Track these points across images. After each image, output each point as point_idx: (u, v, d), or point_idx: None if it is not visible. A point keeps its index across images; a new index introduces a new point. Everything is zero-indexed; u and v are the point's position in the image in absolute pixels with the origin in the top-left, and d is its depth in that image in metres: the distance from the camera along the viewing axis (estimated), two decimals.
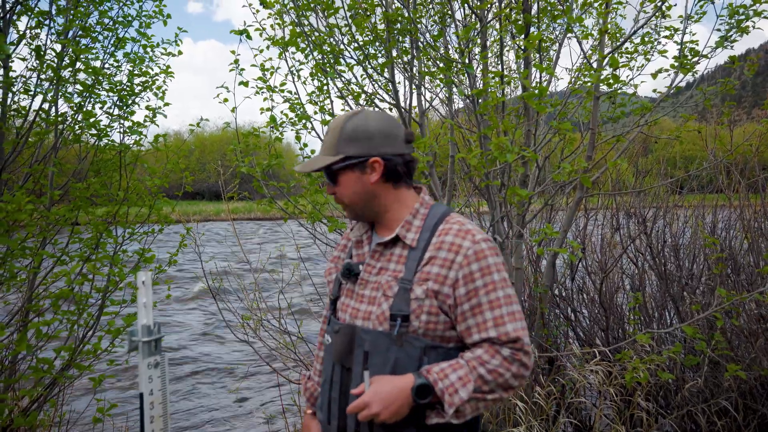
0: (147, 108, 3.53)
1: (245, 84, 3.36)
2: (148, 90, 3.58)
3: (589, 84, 3.10)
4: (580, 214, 4.44)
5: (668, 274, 3.95)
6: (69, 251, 2.93)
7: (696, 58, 3.03)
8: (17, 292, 3.04)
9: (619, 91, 3.69)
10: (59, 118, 2.98)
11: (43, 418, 2.84)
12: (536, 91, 2.55)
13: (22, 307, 2.90)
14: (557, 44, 3.87)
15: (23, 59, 3.03)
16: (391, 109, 3.67)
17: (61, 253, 2.88)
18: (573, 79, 3.64)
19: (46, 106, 2.81)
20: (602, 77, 2.84)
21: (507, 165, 3.41)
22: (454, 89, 3.78)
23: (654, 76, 3.17)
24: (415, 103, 3.60)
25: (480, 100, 3.39)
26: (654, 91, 3.48)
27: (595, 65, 3.31)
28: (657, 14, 3.58)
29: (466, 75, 3.55)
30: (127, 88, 3.40)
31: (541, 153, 3.68)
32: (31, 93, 2.84)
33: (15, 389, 2.77)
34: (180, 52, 3.79)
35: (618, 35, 3.79)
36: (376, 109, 3.68)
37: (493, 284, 1.35)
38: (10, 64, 2.90)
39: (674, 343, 3.67)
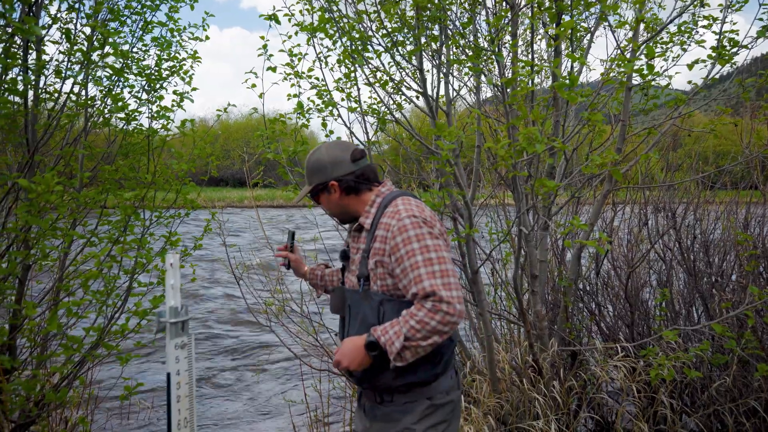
0: (174, 93, 3.56)
1: (273, 69, 3.35)
2: (175, 75, 3.60)
3: (622, 73, 3.02)
4: (607, 208, 4.36)
5: (697, 270, 3.86)
6: (98, 233, 2.98)
7: (735, 49, 2.93)
8: (49, 272, 3.10)
9: (652, 83, 3.59)
10: (89, 102, 3.02)
11: (73, 395, 2.91)
12: (567, 81, 2.49)
13: (53, 286, 2.96)
14: (590, 34, 3.78)
15: (55, 42, 3.07)
16: (418, 97, 3.64)
17: (90, 235, 2.93)
18: (605, 70, 3.55)
19: (76, 89, 2.84)
20: (636, 67, 2.76)
21: (534, 156, 3.35)
22: (483, 78, 3.73)
23: (690, 66, 3.08)
24: (442, 92, 3.56)
25: (509, 90, 3.33)
26: (689, 82, 3.38)
27: (628, 55, 3.22)
28: (695, 3, 3.47)
29: (495, 64, 3.49)
30: (155, 73, 3.43)
31: (570, 145, 3.61)
32: (62, 76, 2.88)
33: (46, 366, 2.84)
34: (207, 37, 3.80)
35: (654, 25, 3.68)
36: (404, 96, 3.65)
37: (412, 251, 1.72)
38: (43, 47, 2.94)
39: (701, 341, 3.60)
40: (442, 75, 3.51)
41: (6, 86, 2.41)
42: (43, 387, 2.51)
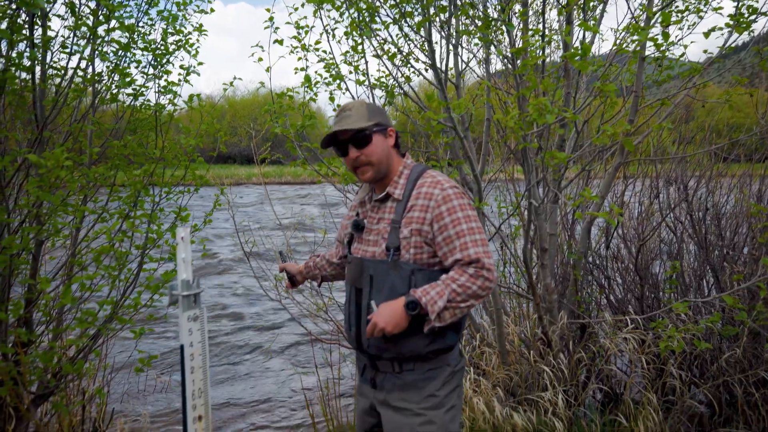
0: (181, 67, 3.53)
1: (280, 42, 3.32)
2: (181, 49, 3.57)
3: (636, 42, 2.96)
4: (618, 181, 4.31)
5: (708, 243, 3.83)
6: (109, 209, 3.00)
7: (753, 16, 2.85)
8: (62, 248, 3.13)
9: (666, 54, 3.52)
10: (96, 77, 3.00)
11: (89, 367, 2.97)
12: (579, 50, 2.44)
13: (66, 261, 3.00)
14: (602, 3, 3.70)
15: (60, 17, 3.04)
16: (426, 70, 3.59)
17: (101, 211, 2.95)
18: (618, 40, 3.48)
19: (83, 64, 2.83)
20: (650, 36, 2.70)
21: (545, 128, 3.31)
22: (492, 49, 3.67)
23: (706, 35, 3.01)
24: (451, 64, 3.51)
25: (519, 61, 3.28)
26: (705, 51, 3.30)
27: (642, 24, 3.15)
28: None
29: (505, 35, 3.43)
30: (162, 48, 3.39)
31: (581, 116, 3.56)
32: (68, 51, 2.86)
33: (62, 339, 2.89)
34: (212, 10, 3.75)
35: None
36: (412, 69, 3.61)
37: (458, 220, 1.78)
38: (48, 23, 2.92)
39: (711, 313, 3.59)
40: (451, 47, 3.45)
41: (13, 62, 2.41)
42: (60, 359, 2.56)
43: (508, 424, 2.97)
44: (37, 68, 2.63)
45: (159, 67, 3.32)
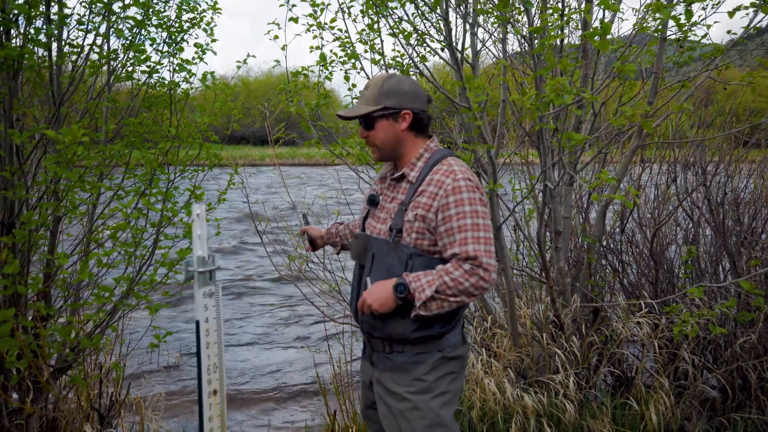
0: (195, 45, 3.52)
1: (295, 20, 3.29)
2: (196, 27, 3.55)
3: (659, 20, 2.89)
4: (635, 165, 4.26)
5: (726, 228, 3.78)
6: (124, 186, 3.03)
7: None
8: (78, 225, 3.17)
9: (688, 36, 3.44)
10: (111, 54, 3.01)
11: (106, 342, 3.02)
12: (598, 29, 2.39)
13: (83, 238, 3.03)
14: None
15: None
16: (442, 49, 3.54)
17: (117, 188, 2.97)
18: (639, 20, 3.41)
19: (99, 41, 2.83)
20: (672, 15, 2.64)
21: (562, 109, 3.27)
22: (510, 28, 3.61)
23: (731, 14, 2.93)
24: (468, 43, 3.46)
25: (536, 41, 3.22)
26: (728, 32, 3.22)
27: (665, 2, 3.07)
28: None
29: (523, 13, 3.37)
30: (176, 25, 3.38)
31: (599, 97, 3.51)
32: (84, 28, 2.86)
33: (79, 314, 2.94)
34: None
35: None
36: (428, 48, 3.56)
37: (463, 213, 1.74)
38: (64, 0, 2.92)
39: (727, 299, 3.56)
40: (467, 26, 3.40)
41: (30, 38, 2.41)
42: (77, 334, 2.60)
43: (518, 405, 2.99)
44: (54, 45, 2.64)
45: (173, 44, 3.31)
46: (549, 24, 2.69)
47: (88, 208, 3.06)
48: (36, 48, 2.51)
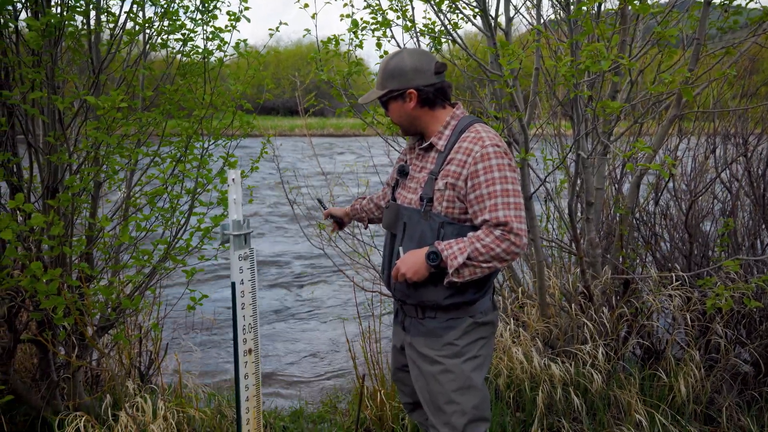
0: (228, 14, 3.53)
1: None
2: None
3: None
4: (672, 137, 4.14)
5: (766, 201, 3.67)
6: (161, 153, 3.10)
7: None
8: (117, 191, 3.28)
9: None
10: (147, 22, 3.05)
11: (144, 304, 3.14)
12: None
13: (122, 203, 3.14)
14: None
15: None
16: (475, 17, 3.48)
17: (154, 155, 3.05)
18: None
19: (135, 8, 2.87)
20: None
21: (597, 77, 3.19)
22: None
23: None
24: (501, 9, 3.39)
25: (573, 6, 3.14)
26: None
27: None
28: None
29: None
30: None
31: (637, 63, 3.41)
32: None
33: (120, 276, 3.06)
34: None
35: None
36: (461, 15, 3.50)
37: (492, 180, 1.75)
38: None
39: (764, 273, 3.48)
40: None
41: (69, 5, 2.46)
42: (118, 295, 2.72)
43: (545, 374, 3.01)
44: (92, 13, 2.69)
45: (206, 12, 3.33)
46: None
47: (126, 174, 3.15)
48: (75, 16, 2.56)
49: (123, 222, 2.80)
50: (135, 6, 2.83)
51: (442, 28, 3.41)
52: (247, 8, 3.44)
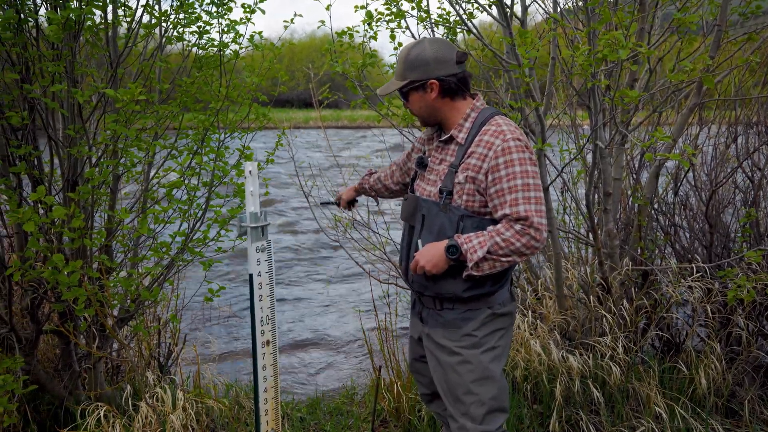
0: (243, 6, 3.53)
1: None
2: None
3: None
4: (692, 126, 4.07)
5: None
6: (177, 146, 3.13)
7: None
8: (135, 184, 3.31)
9: None
10: (163, 15, 3.06)
11: (162, 296, 3.18)
12: None
13: (140, 196, 3.17)
14: None
15: None
16: (490, 6, 3.44)
17: (171, 148, 3.07)
18: None
19: (151, 2, 2.88)
20: None
21: (615, 66, 3.14)
22: None
23: None
24: None
25: None
26: None
27: None
28: None
29: None
30: None
31: (655, 51, 3.35)
32: None
33: (138, 268, 3.09)
34: None
35: None
36: (475, 5, 3.46)
37: (513, 174, 1.74)
38: None
39: None
40: None
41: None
42: (137, 286, 2.75)
43: (563, 366, 3.00)
44: (109, 7, 2.71)
45: (222, 5, 3.34)
46: None
47: (143, 167, 3.18)
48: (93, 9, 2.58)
49: (141, 214, 2.83)
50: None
51: (457, 18, 3.37)
52: (261, 0, 3.43)
